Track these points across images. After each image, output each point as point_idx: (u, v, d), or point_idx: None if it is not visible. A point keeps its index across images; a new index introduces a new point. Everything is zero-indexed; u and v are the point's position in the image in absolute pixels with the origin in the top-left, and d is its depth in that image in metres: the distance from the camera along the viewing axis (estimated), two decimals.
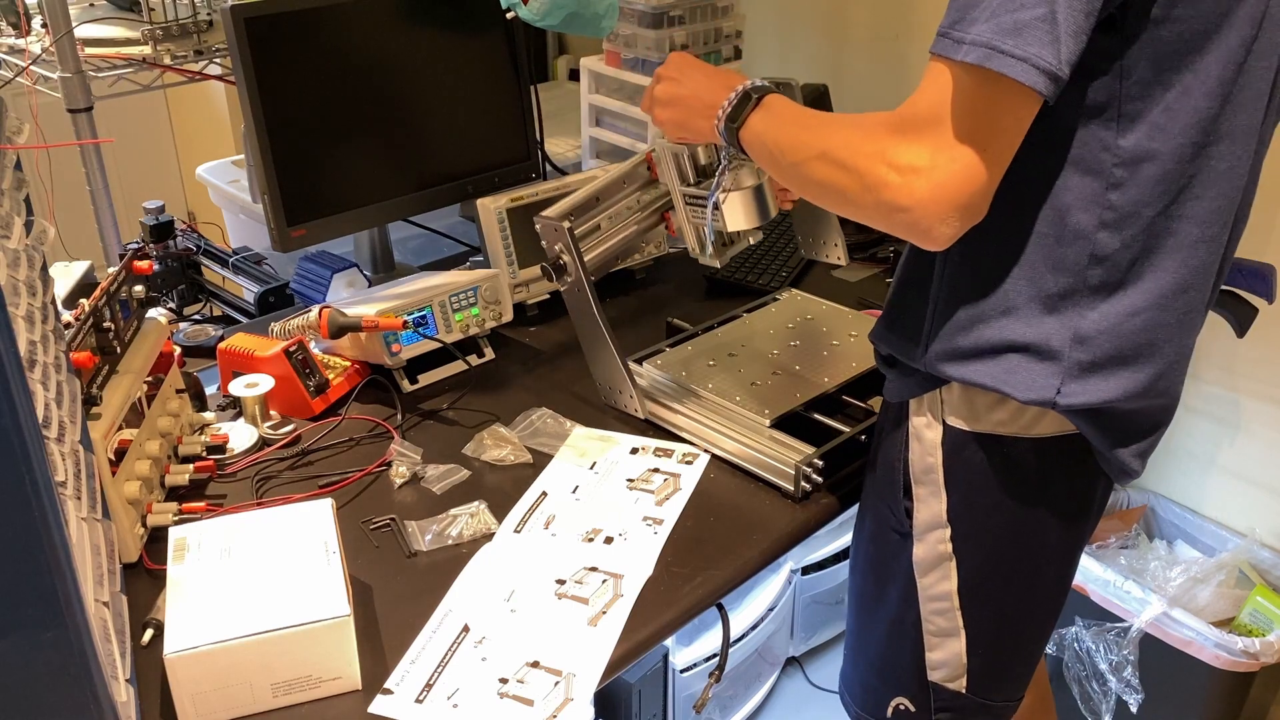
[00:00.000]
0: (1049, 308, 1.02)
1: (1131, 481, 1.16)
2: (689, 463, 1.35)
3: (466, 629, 1.09)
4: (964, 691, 1.21)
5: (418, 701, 1.01)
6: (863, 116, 0.98)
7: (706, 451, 1.36)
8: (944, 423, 1.11)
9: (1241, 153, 1.01)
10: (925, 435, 1.13)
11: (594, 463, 1.35)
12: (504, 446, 1.36)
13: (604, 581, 1.15)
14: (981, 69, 0.87)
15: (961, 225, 0.93)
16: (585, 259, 1.34)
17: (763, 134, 1.09)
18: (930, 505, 1.14)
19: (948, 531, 1.14)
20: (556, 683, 1.03)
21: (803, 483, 1.27)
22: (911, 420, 1.14)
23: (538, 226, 1.32)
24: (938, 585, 1.17)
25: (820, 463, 1.28)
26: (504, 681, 1.03)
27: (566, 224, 1.29)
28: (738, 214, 1.25)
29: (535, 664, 1.05)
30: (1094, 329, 1.01)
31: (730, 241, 1.38)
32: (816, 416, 1.38)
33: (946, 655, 1.20)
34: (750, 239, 1.41)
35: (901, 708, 1.25)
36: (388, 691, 1.01)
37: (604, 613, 1.11)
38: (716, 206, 1.25)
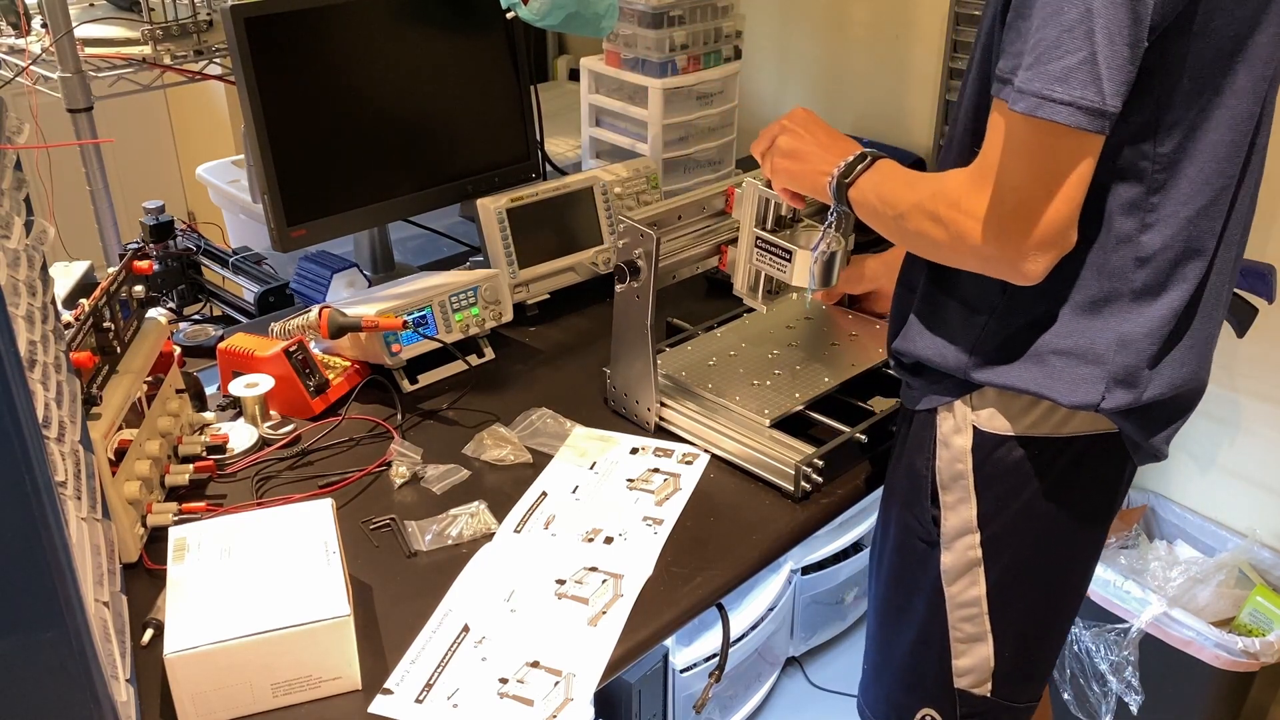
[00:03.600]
0: (1093, 311, 1.03)
1: (1153, 464, 1.17)
2: (689, 463, 1.35)
3: (466, 629, 1.09)
4: (989, 695, 1.20)
5: (418, 701, 1.01)
6: (955, 170, 1.01)
7: (706, 451, 1.36)
8: (974, 427, 1.11)
9: (1265, 148, 1.04)
10: (954, 441, 1.13)
11: (594, 463, 1.35)
12: (504, 446, 1.36)
13: (604, 581, 1.15)
14: (1032, 118, 0.91)
15: (1049, 259, 0.96)
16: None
17: (869, 191, 1.12)
18: (959, 512, 1.14)
19: (977, 537, 1.14)
20: (556, 683, 1.03)
21: (803, 483, 1.27)
22: (939, 427, 1.14)
23: (620, 227, 1.34)
24: (966, 591, 1.16)
25: (820, 463, 1.28)
26: (504, 681, 1.03)
27: (655, 232, 1.31)
28: (820, 273, 1.28)
29: (535, 664, 1.05)
30: (1137, 332, 1.02)
31: (780, 291, 1.40)
32: (816, 416, 1.38)
33: (974, 661, 1.19)
34: (795, 294, 1.44)
35: (928, 718, 1.25)
36: (388, 691, 1.02)
37: (604, 613, 1.11)
38: (791, 258, 1.29)
